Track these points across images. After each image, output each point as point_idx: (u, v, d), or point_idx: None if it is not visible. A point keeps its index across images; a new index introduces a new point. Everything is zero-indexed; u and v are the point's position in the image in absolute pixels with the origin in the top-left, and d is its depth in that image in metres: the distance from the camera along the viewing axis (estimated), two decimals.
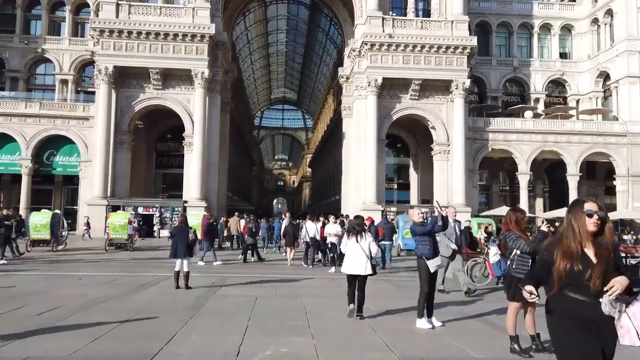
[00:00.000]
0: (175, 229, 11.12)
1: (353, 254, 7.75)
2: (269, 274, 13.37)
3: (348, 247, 7.88)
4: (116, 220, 19.29)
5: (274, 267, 16.00)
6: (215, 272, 14.06)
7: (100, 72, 32.77)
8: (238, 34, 54.14)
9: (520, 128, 37.57)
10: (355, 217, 8.70)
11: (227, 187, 42.86)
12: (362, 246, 7.70)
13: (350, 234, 7.98)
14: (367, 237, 7.88)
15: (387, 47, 34.48)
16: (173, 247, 10.59)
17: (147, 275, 12.84)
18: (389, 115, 35.82)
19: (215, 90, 35.24)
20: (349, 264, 7.80)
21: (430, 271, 7.25)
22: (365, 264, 7.66)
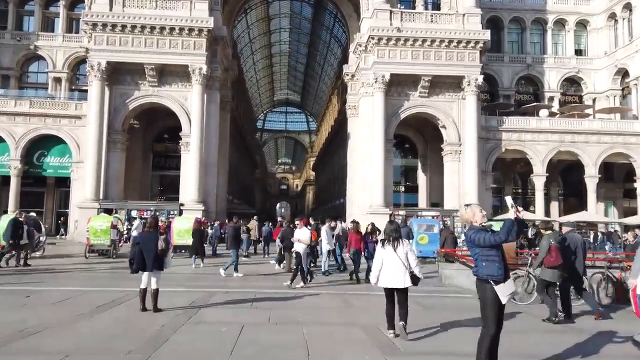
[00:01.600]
0: (140, 236, 9.06)
1: (390, 264, 6.92)
2: (264, 288, 11.48)
3: (384, 257, 6.99)
4: (97, 225, 17.43)
5: (270, 279, 14.00)
6: (203, 285, 12.15)
7: (92, 68, 31.10)
8: (239, 32, 52.49)
9: (536, 127, 35.60)
10: (389, 223, 7.48)
11: (227, 189, 41.09)
12: (400, 255, 6.93)
13: (386, 241, 7.11)
14: (405, 245, 7.07)
15: (395, 42, 32.66)
16: (137, 258, 8.51)
17: (115, 291, 10.72)
18: (397, 113, 33.96)
19: (214, 87, 33.50)
20: (386, 276, 6.93)
21: (502, 302, 5.09)
22: (404, 275, 6.87)
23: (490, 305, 5.04)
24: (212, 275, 13.60)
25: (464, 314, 8.56)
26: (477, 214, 5.33)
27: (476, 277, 5.21)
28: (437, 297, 10.67)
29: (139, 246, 8.66)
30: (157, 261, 8.53)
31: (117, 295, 10.13)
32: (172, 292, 10.20)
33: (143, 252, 8.56)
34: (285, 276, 13.24)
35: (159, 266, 8.59)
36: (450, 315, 8.53)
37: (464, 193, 33.04)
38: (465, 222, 5.52)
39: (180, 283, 12.20)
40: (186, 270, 15.23)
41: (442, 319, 8.25)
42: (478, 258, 5.17)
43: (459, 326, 7.76)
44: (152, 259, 8.46)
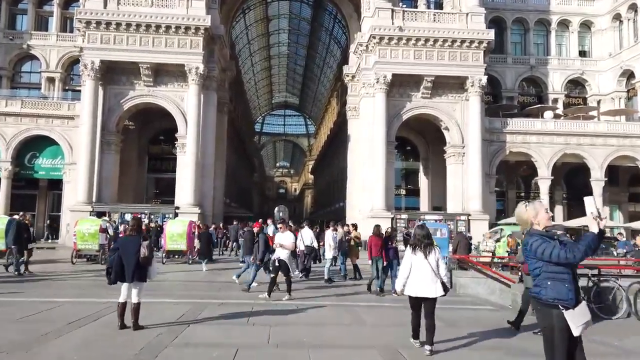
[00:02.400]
0: (119, 241, 8.01)
1: (419, 271, 6.51)
2: (263, 300, 10.41)
3: (413, 263, 6.58)
4: (85, 228, 16.44)
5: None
6: (195, 295, 11.11)
7: (86, 67, 30.21)
8: (238, 33, 51.71)
9: (541, 129, 34.78)
10: (419, 227, 7.02)
11: (224, 192, 40.17)
12: (431, 262, 6.52)
13: (416, 247, 6.65)
14: (436, 252, 6.64)
15: (397, 41, 31.86)
16: (115, 266, 7.38)
17: (95, 303, 9.45)
18: (399, 115, 33.12)
19: (211, 87, 32.64)
20: (415, 284, 6.51)
21: (574, 333, 3.97)
22: (435, 284, 6.46)
23: (559, 338, 3.95)
24: (206, 283, 12.63)
25: (492, 332, 7.74)
26: (541, 213, 4.33)
27: (536, 300, 4.18)
28: (456, 309, 9.63)
29: (118, 252, 7.68)
30: (139, 270, 7.40)
31: (96, 309, 8.96)
32: (158, 304, 9.21)
33: (122, 260, 7.49)
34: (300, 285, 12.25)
35: (140, 276, 7.44)
36: (480, 334, 7.64)
37: (467, 197, 32.18)
38: (523, 224, 4.48)
39: (169, 292, 11.21)
40: (177, 277, 14.28)
41: (471, 338, 7.34)
42: (540, 274, 4.10)
43: (499, 350, 6.86)
44: (132, 268, 7.36)
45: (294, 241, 11.18)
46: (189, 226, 17.11)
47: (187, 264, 16.96)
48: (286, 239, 10.95)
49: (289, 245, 10.82)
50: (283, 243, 10.81)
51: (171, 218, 28.88)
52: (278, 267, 10.75)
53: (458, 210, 32.31)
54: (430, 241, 6.67)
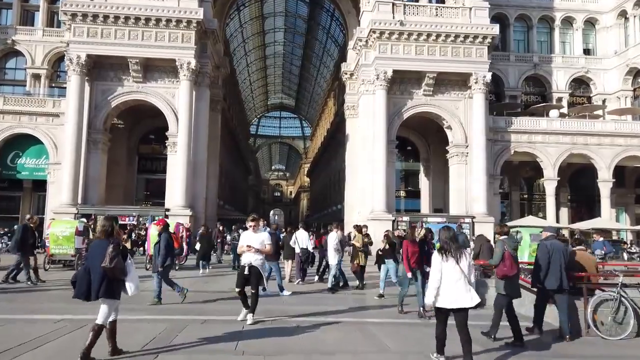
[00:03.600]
0: (89, 247, 6.50)
1: (451, 280, 5.85)
2: (258, 312, 8.64)
3: (444, 271, 5.88)
4: (58, 231, 14.86)
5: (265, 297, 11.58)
6: (175, 310, 9.41)
7: (71, 61, 28.69)
8: (232, 31, 50.36)
9: (546, 128, 33.55)
10: (444, 230, 6.25)
11: (217, 194, 38.65)
12: (464, 269, 5.91)
13: (446, 252, 5.97)
14: (467, 257, 5.99)
15: (398, 36, 30.55)
16: (80, 278, 5.95)
17: (48, 322, 7.80)
18: (400, 113, 31.79)
19: (204, 83, 31.19)
20: (448, 294, 5.84)
21: None
22: (470, 292, 5.87)
23: None
24: (192, 293, 11.08)
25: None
26: None
27: None
28: (485, 326, 8.23)
29: (87, 262, 6.21)
30: (108, 284, 5.93)
31: (50, 329, 7.27)
32: (130, 322, 7.62)
33: (90, 270, 6.01)
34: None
35: (108, 291, 5.92)
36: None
37: (471, 198, 30.85)
38: None
39: (146, 306, 9.65)
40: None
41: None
42: None
43: None
44: (97, 281, 5.90)
45: (270, 243, 8.54)
46: (175, 229, 15.62)
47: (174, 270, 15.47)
48: (257, 240, 8.30)
49: (264, 249, 8.27)
50: (253, 245, 8.19)
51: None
52: (247, 276, 8.11)
53: (461, 212, 30.97)
54: (459, 244, 6.04)
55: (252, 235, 8.40)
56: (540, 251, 7.93)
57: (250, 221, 8.57)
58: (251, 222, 8.54)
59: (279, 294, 11.77)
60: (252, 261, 8.14)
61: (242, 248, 8.25)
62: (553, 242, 7.98)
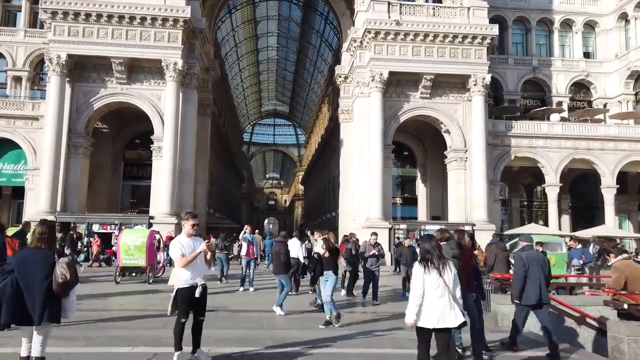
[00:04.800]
0: (15, 258, 5.10)
1: (435, 295, 5.03)
2: (237, 337, 7.23)
3: (427, 284, 5.05)
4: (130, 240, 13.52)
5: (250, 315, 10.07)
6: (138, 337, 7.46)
7: (51, 61, 27.30)
8: (224, 34, 49.18)
9: (548, 133, 32.42)
10: (425, 238, 5.45)
11: (207, 202, 37.16)
12: (448, 282, 5.05)
13: (428, 263, 5.12)
14: (451, 268, 5.16)
15: (394, 36, 29.40)
16: (9, 299, 4.62)
17: None
18: (396, 116, 30.55)
19: (191, 85, 29.85)
20: (431, 311, 5.01)
21: None
22: (454, 309, 5.01)
23: None
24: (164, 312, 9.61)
25: None
26: None
27: None
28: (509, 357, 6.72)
29: (12, 277, 4.81)
30: (51, 305, 4.69)
31: None
32: (70, 357, 6.10)
33: (22, 288, 4.70)
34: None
35: (52, 314, 4.74)
36: None
37: (471, 205, 29.56)
38: None
39: (103, 329, 7.99)
40: (129, 303, 11.14)
41: None
42: None
43: None
44: (40, 302, 4.63)
45: (197, 253, 5.83)
46: (150, 237, 14.10)
47: (147, 284, 13.98)
48: (175, 250, 5.89)
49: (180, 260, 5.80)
50: (174, 255, 5.90)
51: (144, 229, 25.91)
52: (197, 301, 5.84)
53: (461, 219, 29.63)
54: (442, 254, 5.27)
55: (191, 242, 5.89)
56: (516, 264, 7.20)
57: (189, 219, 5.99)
58: (191, 221, 5.96)
59: (272, 310, 10.24)
60: (203, 277, 5.94)
61: (183, 260, 5.70)
62: (529, 254, 7.29)
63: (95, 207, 31.18)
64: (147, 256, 13.67)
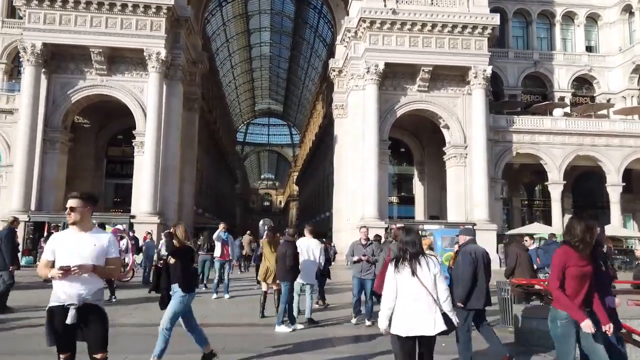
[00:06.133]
0: None
1: (408, 297, 4.26)
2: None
3: (399, 285, 4.30)
4: None
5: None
6: None
7: (25, 50, 25.63)
8: (214, 28, 47.58)
9: (551, 128, 31.00)
10: (403, 231, 4.54)
11: (194, 201, 35.45)
12: (424, 281, 4.25)
13: (400, 261, 4.39)
14: (430, 265, 4.32)
15: (391, 26, 27.91)
16: None
17: None
18: (392, 110, 29.05)
19: (176, 77, 28.22)
20: (403, 317, 4.24)
21: None
22: (434, 314, 4.22)
23: None
24: (136, 330, 7.87)
25: None
26: None
27: None
28: None
29: None
30: None
31: None
32: None
33: None
34: None
35: None
36: None
37: (472, 204, 28.09)
38: None
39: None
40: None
41: None
42: None
43: None
44: None
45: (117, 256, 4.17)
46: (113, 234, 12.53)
47: None
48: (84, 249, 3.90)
49: (105, 270, 4.00)
50: (74, 261, 3.79)
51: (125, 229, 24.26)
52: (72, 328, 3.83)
53: (460, 219, 28.14)
54: (418, 250, 4.45)
55: (74, 238, 3.95)
56: (463, 260, 6.09)
57: (73, 200, 4.00)
58: (72, 203, 3.98)
59: (274, 326, 8.39)
60: (81, 294, 3.84)
61: (45, 270, 3.92)
62: (476, 248, 6.22)
63: None
64: None
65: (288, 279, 8.45)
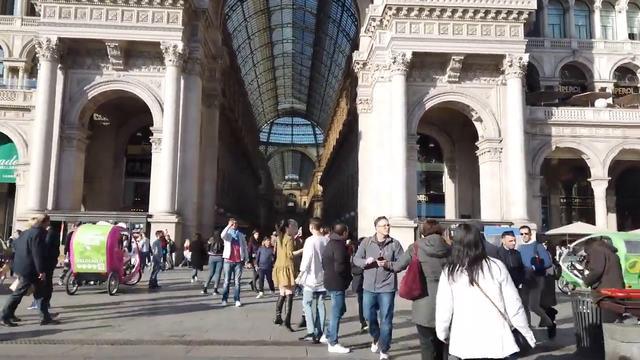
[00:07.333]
0: None
1: (468, 310, 3.44)
2: None
3: (456, 296, 3.49)
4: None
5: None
6: None
7: (41, 45, 25.02)
8: (235, 24, 46.66)
9: (593, 120, 28.81)
10: (462, 229, 3.65)
11: (215, 200, 34.41)
12: (488, 292, 3.40)
13: (455, 268, 3.52)
14: (493, 272, 3.44)
15: (418, 12, 26.25)
16: None
17: None
18: (421, 102, 27.36)
19: (194, 71, 27.20)
20: (464, 334, 3.42)
21: None
22: (501, 332, 3.35)
23: None
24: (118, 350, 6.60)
25: None
26: None
27: None
28: None
29: None
30: None
31: None
32: None
33: None
34: None
35: None
36: None
37: (508, 202, 26.16)
38: None
39: None
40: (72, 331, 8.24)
41: None
42: None
43: None
44: None
45: None
46: (111, 235, 11.21)
47: (109, 294, 11.13)
48: None
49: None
50: None
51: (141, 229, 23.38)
52: None
53: (495, 218, 26.27)
54: (480, 253, 3.48)
55: None
56: None
57: None
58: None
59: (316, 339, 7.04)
60: None
61: None
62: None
63: (96, 206, 29.01)
64: (108, 259, 10.84)
65: (339, 287, 6.79)
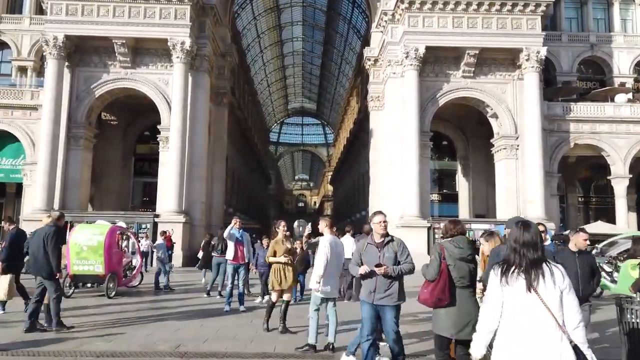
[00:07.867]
0: None
1: (522, 319, 2.92)
2: None
3: (508, 304, 2.98)
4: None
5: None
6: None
7: (47, 43, 24.69)
8: (245, 23, 46.19)
9: (613, 116, 27.82)
10: (520, 225, 3.09)
11: (225, 200, 33.94)
12: (546, 300, 2.89)
13: (509, 270, 3.00)
14: (555, 278, 2.93)
15: (432, 6, 25.49)
16: None
17: None
18: (434, 98, 26.60)
19: (202, 68, 26.70)
20: (513, 347, 2.89)
21: None
22: (559, 346, 2.83)
23: None
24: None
25: None
26: None
27: None
28: None
29: None
30: None
31: None
32: None
33: None
34: None
35: None
36: None
37: (525, 200, 25.29)
38: None
39: None
40: (63, 342, 7.59)
41: None
42: None
43: None
44: None
45: None
46: (109, 235, 10.67)
47: (107, 297, 10.58)
48: None
49: None
50: None
51: (147, 228, 22.97)
52: None
53: (512, 217, 25.36)
54: (540, 256, 2.98)
55: None
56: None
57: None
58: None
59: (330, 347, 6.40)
60: None
61: None
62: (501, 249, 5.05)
63: (104, 206, 28.68)
64: (105, 260, 10.31)
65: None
